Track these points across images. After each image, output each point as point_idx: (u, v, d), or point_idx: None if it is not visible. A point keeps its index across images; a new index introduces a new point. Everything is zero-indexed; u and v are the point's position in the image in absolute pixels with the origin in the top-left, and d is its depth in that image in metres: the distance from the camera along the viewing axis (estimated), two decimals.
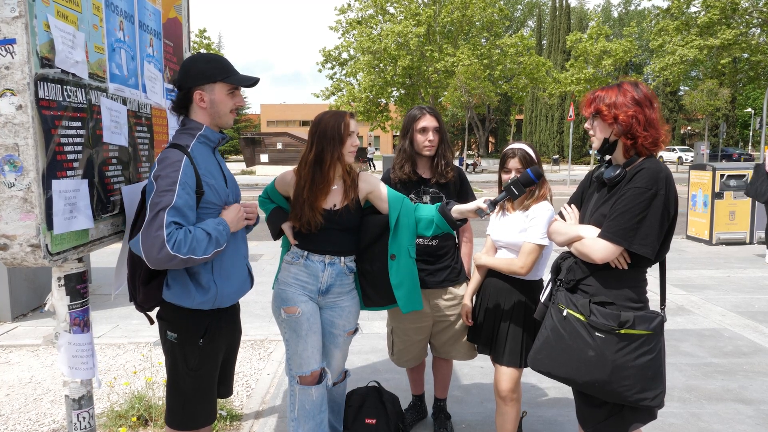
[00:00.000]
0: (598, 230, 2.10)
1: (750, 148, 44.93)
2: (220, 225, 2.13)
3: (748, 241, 9.52)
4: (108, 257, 7.99)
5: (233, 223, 2.22)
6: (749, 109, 47.61)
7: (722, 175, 9.44)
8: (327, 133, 2.55)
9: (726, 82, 35.47)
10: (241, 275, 2.31)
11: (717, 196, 9.42)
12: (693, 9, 33.69)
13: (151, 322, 2.32)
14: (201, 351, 2.20)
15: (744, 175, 9.42)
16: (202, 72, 2.14)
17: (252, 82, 2.24)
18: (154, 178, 2.01)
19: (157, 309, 2.26)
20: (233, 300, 2.27)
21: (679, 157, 39.40)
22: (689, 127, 52.57)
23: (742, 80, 37.23)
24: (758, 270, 7.63)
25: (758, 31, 33.48)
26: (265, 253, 8.89)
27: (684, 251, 9.07)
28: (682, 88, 45.17)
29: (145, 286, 2.15)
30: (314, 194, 2.57)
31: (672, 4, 33.49)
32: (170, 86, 2.86)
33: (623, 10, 64.78)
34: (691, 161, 35.11)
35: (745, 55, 34.13)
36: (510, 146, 2.80)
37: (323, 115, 2.62)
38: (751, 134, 45.59)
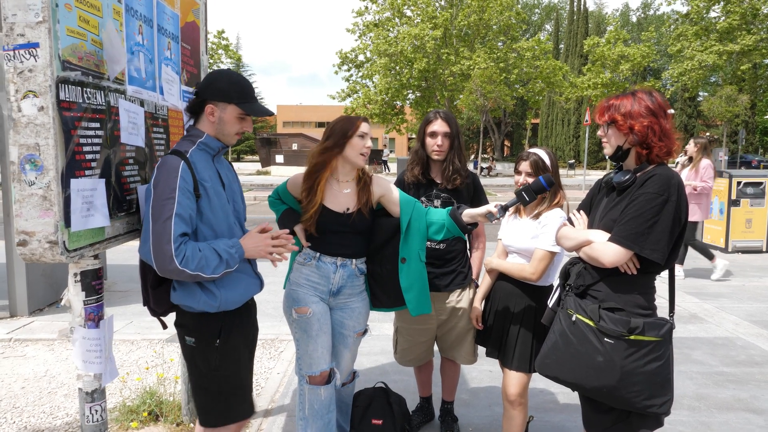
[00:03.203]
0: (607, 235, 2.10)
1: None
2: (233, 248, 2.15)
3: (765, 249, 9.39)
4: (123, 254, 8.11)
5: (252, 250, 2.23)
6: None
7: (739, 183, 9.33)
8: (334, 135, 2.62)
9: (746, 88, 35.00)
10: (247, 280, 2.31)
11: (733, 203, 9.31)
12: (713, 14, 33.31)
13: (164, 326, 2.38)
14: (219, 351, 2.23)
15: (762, 183, 9.31)
16: (221, 90, 2.18)
17: (264, 113, 2.26)
18: (153, 186, 2.05)
19: (171, 315, 2.31)
20: (239, 303, 2.28)
21: None
22: (708, 133, 51.94)
23: (762, 86, 36.70)
24: None
25: None
26: None
27: (699, 258, 8.97)
28: (700, 93, 44.66)
29: (155, 289, 2.20)
30: (314, 191, 2.64)
31: (691, 9, 33.14)
32: (186, 88, 2.91)
33: (642, 15, 64.21)
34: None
35: (766, 61, 33.65)
36: (528, 150, 2.83)
37: (337, 119, 2.70)
38: None
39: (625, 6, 67.65)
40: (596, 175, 34.41)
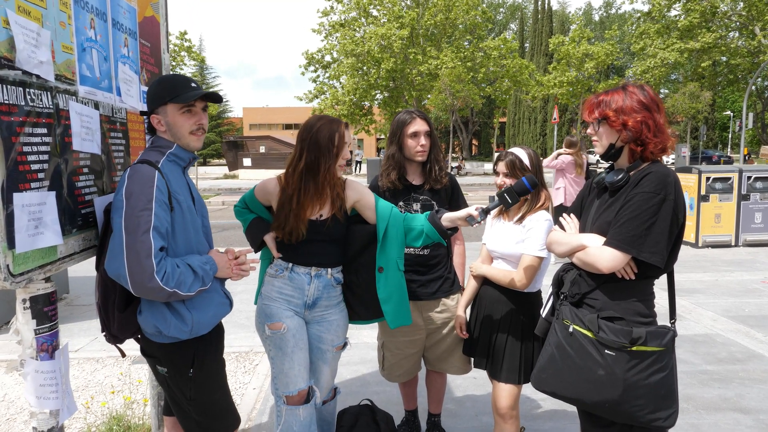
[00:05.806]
0: (602, 238, 1.98)
1: (729, 150, 45.57)
2: (207, 264, 2.06)
3: (733, 243, 9.53)
4: (86, 265, 7.71)
5: (221, 266, 2.16)
6: (728, 112, 48.32)
7: (708, 178, 9.44)
8: (320, 143, 2.39)
9: (706, 85, 35.96)
10: (218, 299, 2.19)
11: (703, 198, 9.42)
12: (674, 12, 34.14)
13: (123, 355, 2.27)
14: (193, 381, 2.11)
15: (729, 178, 9.45)
16: (154, 96, 2.08)
17: (199, 95, 2.05)
18: (126, 196, 1.88)
19: (128, 341, 2.20)
20: (211, 326, 2.15)
21: None
22: (670, 130, 53.20)
23: (721, 83, 37.77)
24: (746, 273, 7.62)
25: (736, 34, 33.98)
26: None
27: None
28: (663, 90, 45.72)
29: (122, 312, 2.04)
30: (302, 205, 2.42)
31: (653, 8, 33.88)
32: (147, 89, 2.69)
33: (604, 14, 65.45)
34: (672, 163, 35.52)
35: (724, 59, 34.63)
36: (508, 149, 2.70)
37: (316, 121, 2.46)
38: (730, 136, 46.27)
39: (588, 5, 68.83)
40: None
